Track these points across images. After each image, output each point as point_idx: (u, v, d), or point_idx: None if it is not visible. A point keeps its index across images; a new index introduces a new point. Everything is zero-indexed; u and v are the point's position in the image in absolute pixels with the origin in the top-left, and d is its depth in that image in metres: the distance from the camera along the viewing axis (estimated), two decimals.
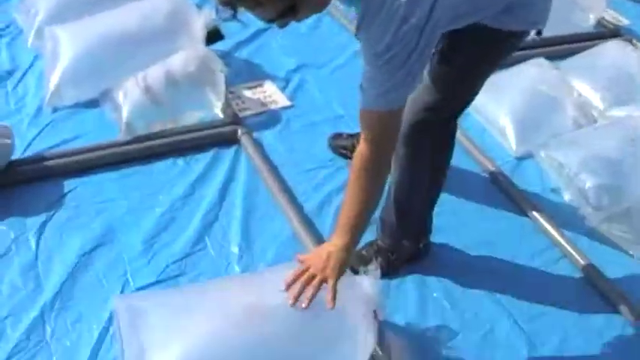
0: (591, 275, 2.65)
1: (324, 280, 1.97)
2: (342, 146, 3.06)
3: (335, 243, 2.04)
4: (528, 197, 2.97)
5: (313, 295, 1.95)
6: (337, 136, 3.13)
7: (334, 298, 1.95)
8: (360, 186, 2.00)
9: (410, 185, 2.42)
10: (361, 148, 1.98)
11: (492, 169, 3.09)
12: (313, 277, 1.98)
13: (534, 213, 2.88)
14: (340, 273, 2.00)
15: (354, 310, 2.07)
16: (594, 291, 2.62)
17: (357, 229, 2.05)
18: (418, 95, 2.19)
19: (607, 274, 2.65)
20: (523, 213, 2.91)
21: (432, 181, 2.46)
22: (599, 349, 2.42)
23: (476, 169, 3.12)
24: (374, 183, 2.02)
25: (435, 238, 2.67)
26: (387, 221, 2.53)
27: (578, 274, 2.68)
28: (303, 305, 1.95)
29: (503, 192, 3.01)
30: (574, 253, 2.72)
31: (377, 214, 2.43)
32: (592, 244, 2.83)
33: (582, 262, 2.68)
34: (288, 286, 1.98)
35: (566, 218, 2.90)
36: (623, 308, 2.53)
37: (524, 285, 2.61)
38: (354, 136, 2.97)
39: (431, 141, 2.32)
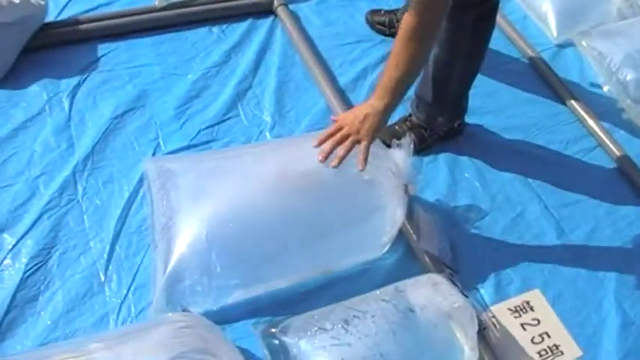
0: (626, 167, 2.64)
1: (357, 142, 1.94)
2: (380, 22, 3.01)
3: (373, 104, 1.99)
4: (566, 85, 2.92)
5: (344, 156, 1.92)
6: (375, 12, 3.06)
7: (366, 160, 1.93)
8: (405, 52, 1.94)
9: (449, 60, 2.36)
10: (408, 17, 1.91)
11: (532, 54, 3.03)
12: (347, 137, 1.95)
13: (572, 101, 2.84)
14: (375, 136, 1.97)
15: (385, 181, 2.06)
16: (627, 183, 2.60)
17: (398, 92, 2.00)
18: None
19: None
20: (560, 100, 2.87)
21: (471, 58, 2.40)
22: (628, 241, 2.42)
23: (515, 54, 3.06)
24: (419, 51, 1.97)
25: (470, 118, 2.64)
26: (423, 97, 2.48)
27: (612, 165, 2.66)
28: (333, 164, 1.92)
29: (541, 78, 2.96)
30: (609, 143, 2.69)
31: (412, 91, 2.40)
32: (628, 136, 2.79)
33: (617, 153, 2.66)
34: (320, 144, 1.96)
35: (603, 109, 2.86)
36: None
37: (557, 172, 2.59)
38: (392, 13, 2.94)
39: (472, 16, 2.25)
